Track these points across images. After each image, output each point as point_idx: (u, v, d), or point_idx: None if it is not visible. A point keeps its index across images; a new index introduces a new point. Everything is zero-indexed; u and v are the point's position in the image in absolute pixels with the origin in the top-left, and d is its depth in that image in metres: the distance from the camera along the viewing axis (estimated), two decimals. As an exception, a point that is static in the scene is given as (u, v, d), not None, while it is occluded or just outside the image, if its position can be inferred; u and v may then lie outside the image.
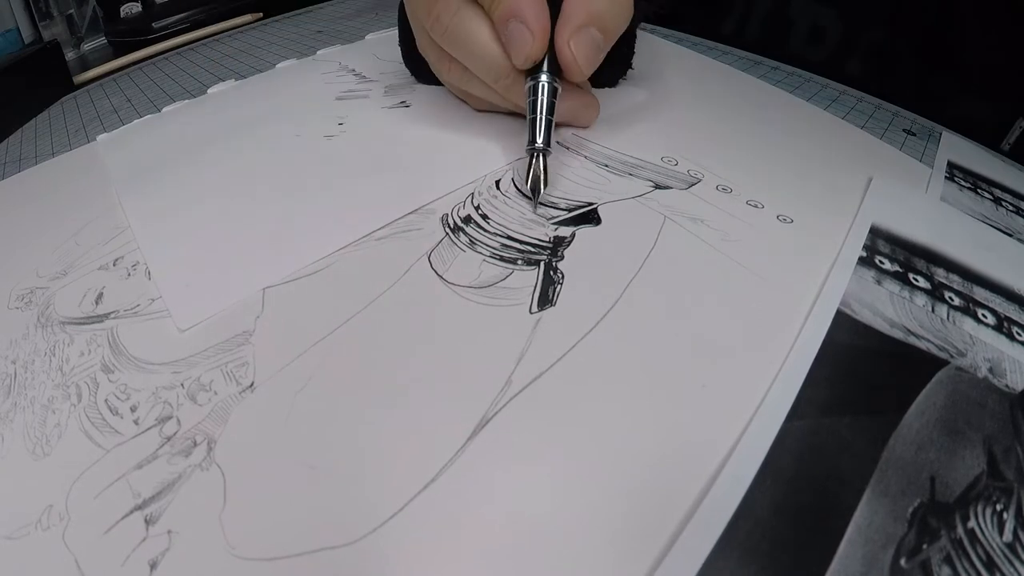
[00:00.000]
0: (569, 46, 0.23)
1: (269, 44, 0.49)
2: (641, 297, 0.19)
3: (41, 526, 0.14)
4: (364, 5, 0.56)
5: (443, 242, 0.21)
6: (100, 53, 0.54)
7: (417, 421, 0.16)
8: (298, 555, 0.13)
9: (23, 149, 0.36)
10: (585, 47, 0.23)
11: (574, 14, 0.23)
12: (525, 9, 0.22)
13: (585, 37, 0.23)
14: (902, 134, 0.28)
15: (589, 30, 0.23)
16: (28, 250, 0.25)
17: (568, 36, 0.23)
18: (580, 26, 0.23)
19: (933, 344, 0.18)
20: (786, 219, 0.22)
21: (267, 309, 0.19)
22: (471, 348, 0.17)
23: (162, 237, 0.24)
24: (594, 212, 0.22)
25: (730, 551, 0.13)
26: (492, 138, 0.27)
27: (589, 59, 0.23)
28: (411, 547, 0.13)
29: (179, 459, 0.15)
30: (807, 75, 0.34)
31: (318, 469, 0.15)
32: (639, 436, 0.15)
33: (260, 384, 0.17)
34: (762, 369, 0.16)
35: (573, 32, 0.23)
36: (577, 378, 0.16)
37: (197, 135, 0.32)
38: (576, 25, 0.23)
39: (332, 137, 0.29)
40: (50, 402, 0.18)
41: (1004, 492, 0.14)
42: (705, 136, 0.27)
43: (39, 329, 0.20)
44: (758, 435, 0.15)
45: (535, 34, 0.22)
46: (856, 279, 0.19)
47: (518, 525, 0.14)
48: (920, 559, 0.13)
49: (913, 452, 0.15)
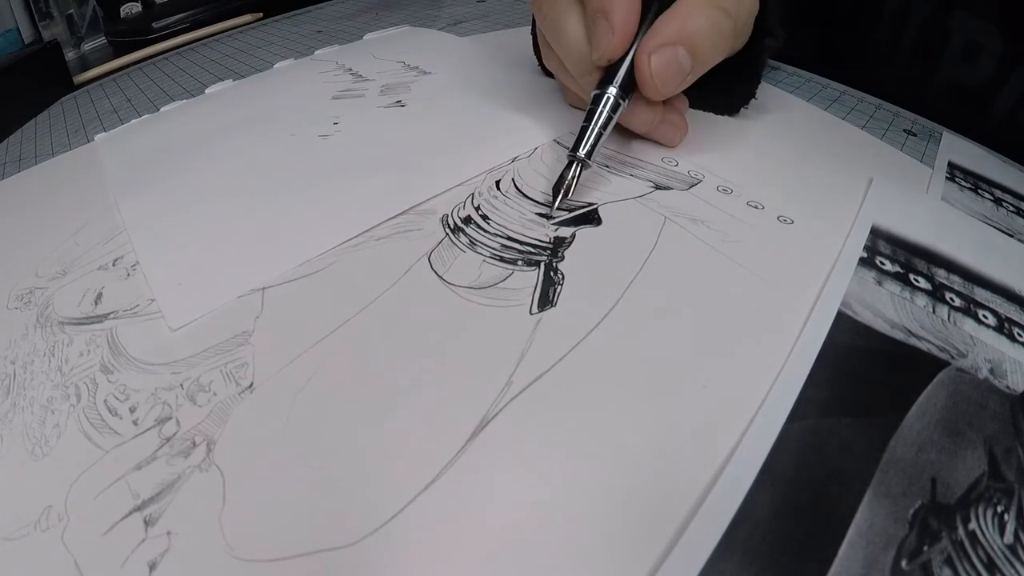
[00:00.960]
0: (649, 60, 0.22)
1: (269, 44, 0.49)
2: (641, 298, 0.19)
3: (40, 527, 0.14)
4: (364, 5, 0.56)
5: (443, 243, 0.21)
6: (100, 53, 0.54)
7: (417, 422, 0.16)
8: (298, 556, 0.13)
9: (23, 149, 0.36)
10: (666, 65, 0.22)
11: (664, 29, 0.22)
12: (613, 7, 0.22)
13: (669, 55, 0.22)
14: (903, 134, 0.28)
15: (676, 49, 0.22)
16: (27, 250, 0.25)
17: (650, 50, 0.22)
18: (667, 43, 0.22)
19: (934, 345, 0.18)
20: (787, 220, 0.22)
21: (266, 309, 0.19)
22: (471, 349, 0.17)
23: (155, 236, 0.24)
24: (594, 212, 0.22)
25: (731, 553, 0.13)
26: (488, 138, 0.27)
27: (668, 79, 0.22)
28: (411, 548, 0.13)
29: (178, 460, 0.15)
30: (807, 75, 0.34)
31: (318, 470, 0.15)
32: (640, 437, 0.15)
33: (259, 385, 0.17)
34: (763, 370, 0.16)
35: (657, 47, 0.22)
36: (578, 379, 0.16)
37: (193, 135, 0.32)
38: (662, 41, 0.22)
39: (327, 136, 0.29)
40: (49, 402, 0.18)
41: (1005, 493, 0.14)
42: (705, 137, 0.27)
43: (38, 329, 0.20)
44: (759, 436, 0.15)
45: (616, 33, 0.22)
46: (857, 280, 0.19)
47: (519, 526, 0.14)
48: (921, 560, 0.13)
49: (914, 453, 0.15)
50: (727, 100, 0.28)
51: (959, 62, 0.31)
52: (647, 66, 0.22)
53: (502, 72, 0.34)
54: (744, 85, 0.28)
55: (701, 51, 0.22)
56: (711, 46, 0.23)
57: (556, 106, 0.29)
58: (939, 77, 0.32)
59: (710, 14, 0.22)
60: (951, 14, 0.31)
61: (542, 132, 0.28)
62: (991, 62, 0.30)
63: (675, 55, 0.22)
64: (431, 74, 0.36)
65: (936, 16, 0.32)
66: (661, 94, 0.23)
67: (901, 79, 0.33)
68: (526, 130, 0.28)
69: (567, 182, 0.22)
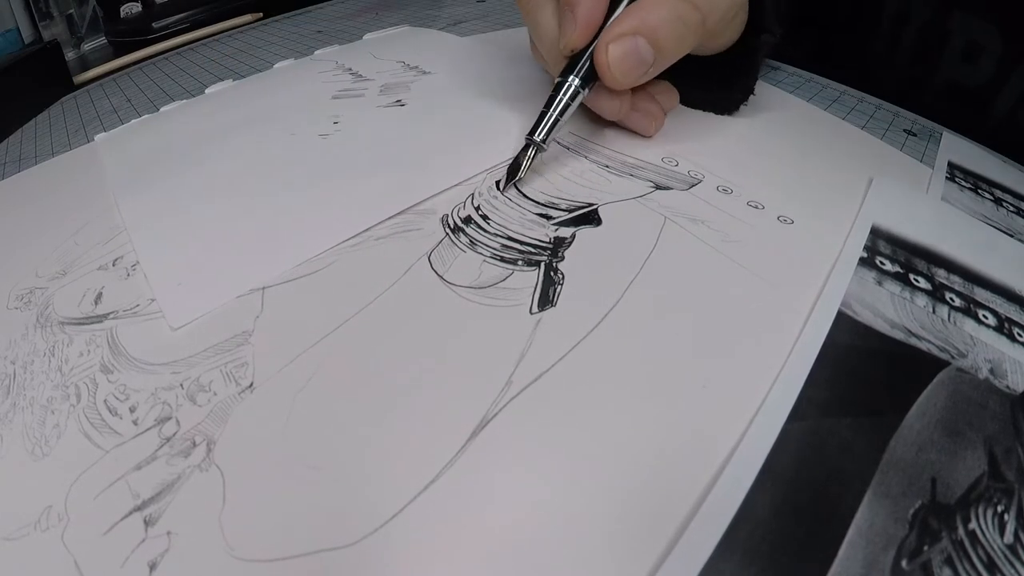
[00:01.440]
0: (607, 50, 0.22)
1: (269, 44, 0.49)
2: (641, 298, 0.19)
3: (40, 527, 0.14)
4: (364, 5, 0.56)
5: (443, 242, 0.21)
6: (100, 53, 0.54)
7: (417, 422, 0.16)
8: (298, 556, 0.13)
9: (23, 149, 0.36)
10: (624, 55, 0.22)
11: (625, 20, 0.22)
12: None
13: (628, 45, 0.22)
14: (903, 134, 0.28)
15: (636, 39, 0.22)
16: (27, 250, 0.25)
17: (609, 40, 0.22)
18: (625, 33, 0.22)
19: (934, 345, 0.18)
20: (787, 220, 0.22)
21: (266, 309, 0.19)
22: (471, 349, 0.17)
23: (155, 236, 0.24)
24: (595, 213, 0.22)
25: (731, 553, 0.13)
26: (488, 137, 0.27)
27: (627, 69, 0.22)
28: (411, 548, 0.13)
29: (178, 460, 0.15)
30: (807, 75, 0.34)
31: (318, 470, 0.15)
32: (640, 437, 0.15)
33: (259, 385, 0.17)
34: (763, 370, 0.16)
35: (616, 37, 0.22)
36: (578, 379, 0.16)
37: (193, 135, 0.32)
38: (621, 31, 0.22)
39: (326, 136, 0.29)
40: (49, 402, 0.18)
41: (1005, 493, 0.14)
42: (705, 137, 0.27)
43: (38, 329, 0.20)
44: (759, 436, 0.15)
45: (578, 24, 0.23)
46: (857, 280, 0.19)
47: (519, 526, 0.14)
48: (921, 560, 0.13)
49: (914, 453, 0.15)
50: (725, 98, 0.28)
51: (959, 62, 0.31)
52: (604, 56, 0.22)
53: (502, 72, 0.34)
54: (741, 82, 0.28)
55: (664, 43, 0.22)
56: (675, 38, 0.23)
57: (556, 106, 0.29)
58: (939, 77, 0.32)
59: (675, 6, 0.22)
60: (951, 14, 0.31)
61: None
62: (991, 62, 0.30)
63: (634, 45, 0.22)
64: (431, 74, 0.36)
65: (936, 16, 0.32)
66: (620, 84, 0.23)
67: (901, 79, 0.33)
68: (526, 129, 0.28)
69: (521, 164, 0.23)
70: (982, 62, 0.30)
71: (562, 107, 0.23)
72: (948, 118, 0.30)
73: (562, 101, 0.23)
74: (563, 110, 0.23)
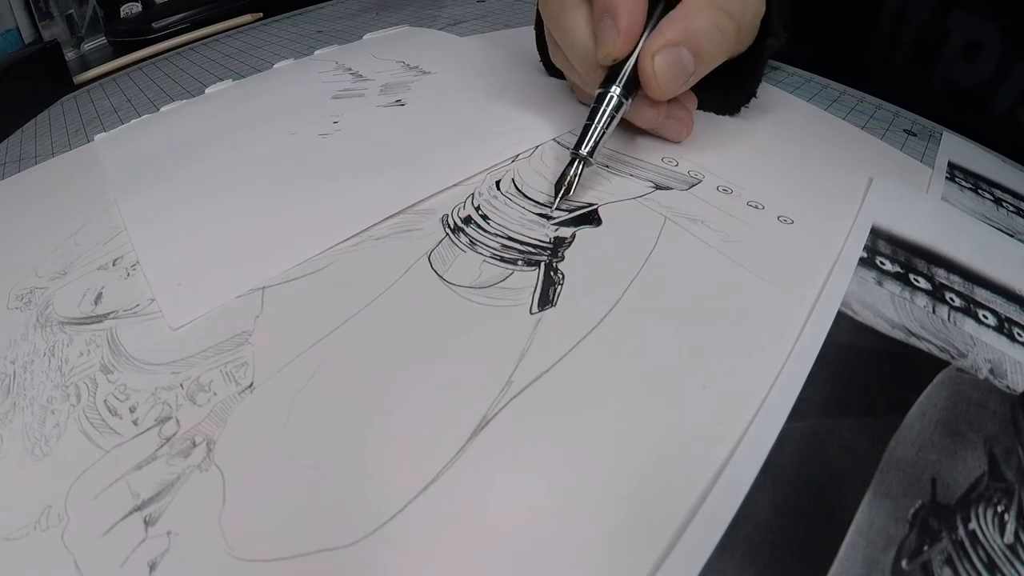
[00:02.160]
0: (653, 61, 0.22)
1: (269, 44, 0.49)
2: (641, 298, 0.19)
3: (40, 527, 0.14)
4: (364, 5, 0.56)
5: (443, 242, 0.21)
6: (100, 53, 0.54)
7: (417, 422, 0.16)
8: (298, 556, 0.13)
9: (23, 149, 0.36)
10: (670, 65, 0.22)
11: (668, 30, 0.22)
12: (620, 7, 0.22)
13: (673, 56, 0.22)
14: (903, 134, 0.28)
15: (680, 50, 0.22)
16: (27, 250, 0.25)
17: (654, 50, 0.22)
18: (670, 43, 0.22)
19: (934, 345, 0.18)
20: (787, 220, 0.22)
21: (266, 309, 0.19)
22: (471, 348, 0.17)
23: (155, 236, 0.24)
24: (594, 213, 0.22)
25: (731, 553, 0.13)
26: (488, 137, 0.27)
27: (672, 79, 0.22)
28: (412, 548, 0.13)
29: (178, 460, 0.15)
30: (807, 75, 0.34)
31: (318, 470, 0.15)
32: (640, 437, 0.15)
33: (259, 385, 0.17)
34: (763, 370, 0.16)
35: (661, 47, 0.22)
36: (578, 379, 0.16)
37: (193, 134, 0.32)
38: (666, 41, 0.22)
39: (326, 136, 0.29)
40: (49, 402, 0.18)
41: (1005, 493, 0.14)
42: (705, 137, 0.27)
43: (38, 329, 0.20)
44: (759, 436, 0.15)
45: (621, 33, 0.22)
46: (857, 280, 0.19)
47: (518, 526, 0.14)
48: (921, 560, 0.13)
49: (914, 453, 0.15)
50: (727, 99, 0.28)
51: (958, 62, 0.31)
52: (651, 67, 0.22)
53: (502, 72, 0.34)
54: (745, 84, 0.28)
55: (704, 52, 0.23)
56: (714, 47, 0.23)
57: (556, 106, 0.29)
58: (938, 77, 0.32)
59: (713, 15, 0.22)
60: (950, 13, 0.31)
61: (542, 132, 0.28)
62: (990, 61, 0.30)
63: (678, 56, 0.22)
64: (431, 74, 0.36)
65: (935, 15, 0.32)
66: (665, 94, 0.23)
67: (901, 79, 0.33)
68: (526, 130, 0.28)
69: (568, 179, 0.22)
70: (981, 61, 0.30)
71: (606, 119, 0.23)
72: (948, 117, 0.30)
73: (606, 112, 0.23)
74: (608, 122, 0.23)
